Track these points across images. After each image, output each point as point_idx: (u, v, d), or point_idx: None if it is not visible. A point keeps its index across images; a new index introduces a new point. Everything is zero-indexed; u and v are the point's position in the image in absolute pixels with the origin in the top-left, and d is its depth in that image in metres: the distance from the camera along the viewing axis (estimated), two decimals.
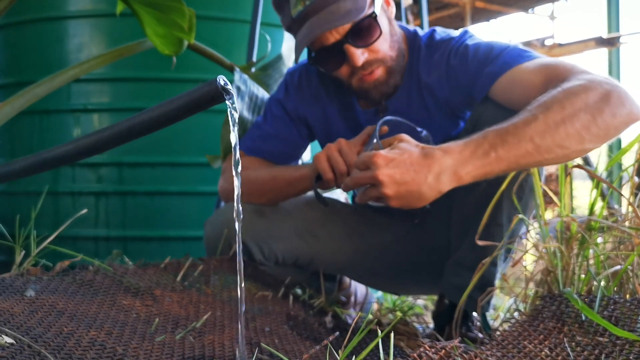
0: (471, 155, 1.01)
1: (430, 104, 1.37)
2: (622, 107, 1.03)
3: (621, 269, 1.07)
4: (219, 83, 0.86)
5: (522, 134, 1.00)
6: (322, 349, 0.93)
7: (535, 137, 1.00)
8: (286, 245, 1.44)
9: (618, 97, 1.03)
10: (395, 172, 1.02)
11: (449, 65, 1.32)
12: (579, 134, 1.01)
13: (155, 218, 2.16)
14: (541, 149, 1.01)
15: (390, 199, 1.04)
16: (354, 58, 1.27)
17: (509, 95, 1.21)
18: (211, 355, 0.87)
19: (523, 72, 1.19)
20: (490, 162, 1.01)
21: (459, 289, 1.28)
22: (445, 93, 1.34)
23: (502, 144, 1.00)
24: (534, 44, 8.42)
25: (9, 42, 2.31)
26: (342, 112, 1.47)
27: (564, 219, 1.15)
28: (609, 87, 1.03)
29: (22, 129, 2.22)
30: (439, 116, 1.37)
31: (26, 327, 0.83)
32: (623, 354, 0.78)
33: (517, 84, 1.19)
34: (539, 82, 1.15)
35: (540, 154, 1.01)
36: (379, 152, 1.05)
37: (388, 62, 1.31)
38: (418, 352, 0.75)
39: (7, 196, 2.29)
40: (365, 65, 1.29)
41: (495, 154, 1.01)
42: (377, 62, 1.30)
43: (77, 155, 0.96)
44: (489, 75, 1.23)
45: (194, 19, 1.40)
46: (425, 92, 1.37)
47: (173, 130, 1.47)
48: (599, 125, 1.01)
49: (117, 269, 1.16)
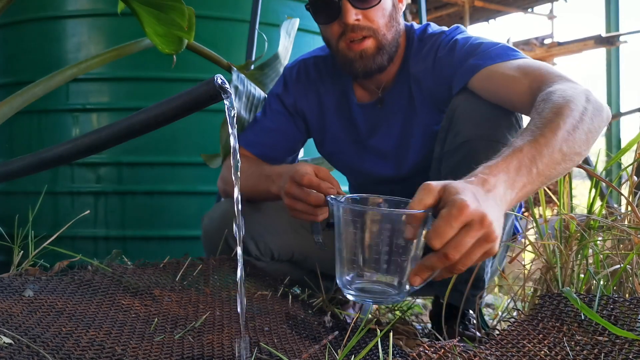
0: (517, 175, 0.90)
1: (417, 95, 1.39)
2: (602, 110, 1.04)
3: (620, 268, 1.07)
4: (216, 82, 0.86)
5: (553, 143, 0.93)
6: (322, 349, 0.93)
7: (563, 145, 0.94)
8: (282, 240, 1.45)
9: (596, 101, 1.04)
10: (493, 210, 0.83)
11: (437, 58, 1.34)
12: (587, 138, 0.99)
13: (155, 218, 2.16)
14: (566, 158, 0.95)
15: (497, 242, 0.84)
16: (347, 14, 1.27)
17: (489, 87, 1.22)
18: (210, 355, 0.86)
19: (506, 68, 1.20)
20: (533, 179, 0.91)
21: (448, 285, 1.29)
22: (429, 83, 1.35)
23: (541, 157, 0.92)
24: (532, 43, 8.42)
25: (8, 42, 2.31)
26: (338, 107, 1.48)
27: (563, 218, 1.15)
28: (587, 91, 1.04)
29: (20, 128, 2.21)
30: (423, 109, 1.38)
31: (25, 327, 0.83)
32: (622, 353, 0.78)
33: (499, 78, 1.20)
34: (522, 78, 1.15)
35: (565, 163, 0.95)
36: (462, 199, 0.81)
37: (379, 37, 1.32)
38: (417, 351, 0.75)
39: (5, 196, 2.29)
40: (356, 28, 1.29)
41: (536, 170, 0.91)
42: (369, 30, 1.30)
43: (76, 155, 0.96)
44: (471, 67, 1.24)
45: (194, 18, 1.39)
46: (412, 83, 1.38)
47: (172, 130, 1.47)
48: (595, 128, 1.01)
49: (116, 268, 1.16)
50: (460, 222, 0.80)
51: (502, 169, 0.88)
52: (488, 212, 0.81)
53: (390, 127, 1.43)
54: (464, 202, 0.80)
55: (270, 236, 1.44)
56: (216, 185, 2.06)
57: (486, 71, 1.22)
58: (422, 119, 1.38)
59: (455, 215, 0.80)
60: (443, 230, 0.81)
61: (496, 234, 0.82)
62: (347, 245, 0.90)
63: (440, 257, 0.82)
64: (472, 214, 0.80)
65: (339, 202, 0.92)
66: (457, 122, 1.25)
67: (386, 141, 1.44)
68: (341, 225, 0.90)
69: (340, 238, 0.91)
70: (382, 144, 1.44)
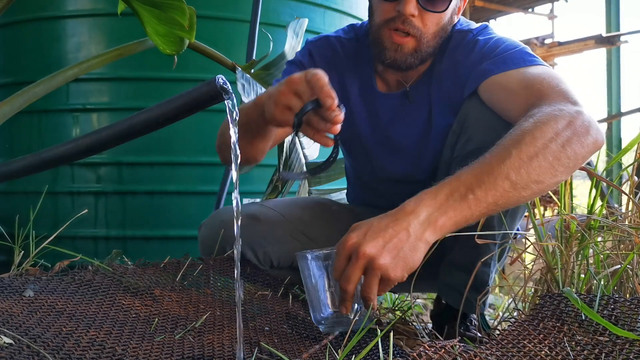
0: (447, 200, 0.94)
1: (437, 93, 1.35)
2: (587, 135, 1.00)
3: (621, 268, 1.07)
4: (218, 82, 0.86)
5: (498, 171, 0.95)
6: (322, 349, 0.93)
7: (511, 173, 0.95)
8: (281, 248, 1.42)
9: (582, 124, 1.00)
10: (377, 239, 0.92)
11: (458, 58, 1.31)
12: (552, 166, 0.97)
13: (155, 218, 2.16)
14: (518, 186, 0.95)
15: (389, 268, 0.93)
16: (408, 4, 1.22)
17: (491, 97, 1.20)
18: (210, 355, 0.86)
19: (511, 78, 1.17)
20: (469, 205, 0.94)
21: (452, 289, 1.28)
22: (449, 83, 1.33)
23: (479, 184, 0.94)
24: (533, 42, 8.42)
25: (8, 42, 2.31)
26: (362, 92, 1.43)
27: (563, 218, 1.15)
28: (575, 114, 1.01)
29: (21, 128, 2.22)
30: (444, 108, 1.35)
31: (25, 327, 0.83)
32: (623, 353, 0.78)
33: (501, 89, 1.18)
34: (522, 92, 1.13)
35: (517, 191, 0.96)
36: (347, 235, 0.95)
37: (422, 42, 1.28)
38: (418, 351, 0.75)
39: (6, 196, 2.29)
40: (407, 22, 1.25)
41: (473, 196, 0.94)
42: (417, 30, 1.26)
43: (76, 155, 0.96)
44: (482, 72, 1.23)
45: (195, 18, 1.39)
46: (434, 82, 1.35)
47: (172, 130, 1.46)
48: (569, 156, 0.98)
49: (116, 268, 1.16)
50: (342, 257, 0.94)
51: (430, 194, 0.95)
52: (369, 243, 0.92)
53: (413, 122, 1.39)
54: (345, 238, 0.94)
55: (269, 245, 1.41)
56: (217, 185, 2.06)
57: (491, 80, 1.20)
58: (440, 120, 1.36)
59: (339, 251, 0.95)
60: (335, 264, 0.96)
61: (380, 262, 0.92)
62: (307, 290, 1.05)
63: (341, 288, 0.95)
64: (349, 247, 0.93)
65: (301, 255, 1.04)
66: (468, 128, 1.23)
67: (407, 136, 1.40)
68: (303, 274, 1.04)
69: (306, 287, 1.05)
70: (402, 138, 1.41)
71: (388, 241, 0.93)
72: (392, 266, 0.92)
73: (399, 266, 0.93)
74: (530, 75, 1.15)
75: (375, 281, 0.93)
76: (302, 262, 1.04)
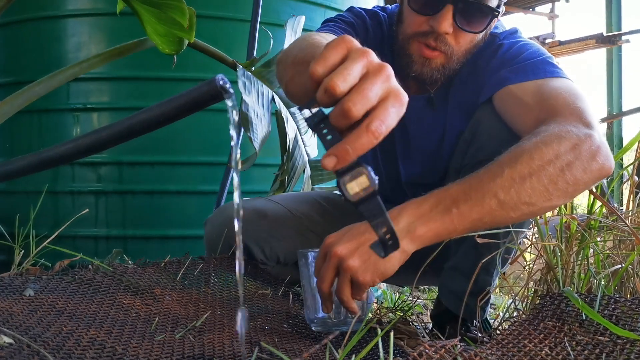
0: (430, 211, 0.92)
1: (454, 98, 1.32)
2: (593, 161, 0.94)
3: (621, 268, 1.07)
4: (218, 82, 0.85)
5: (487, 189, 0.91)
6: (322, 348, 0.93)
7: (500, 192, 0.91)
8: (288, 244, 1.42)
9: (589, 149, 0.94)
10: (351, 242, 0.93)
11: (479, 62, 1.28)
12: (546, 189, 0.92)
13: (155, 217, 2.16)
14: (506, 206, 0.92)
15: (358, 271, 0.92)
16: (443, 22, 1.17)
17: (504, 107, 1.17)
18: (211, 354, 0.86)
19: (527, 91, 1.13)
20: (451, 219, 0.91)
21: (454, 295, 1.27)
22: (468, 88, 1.29)
23: (465, 199, 0.92)
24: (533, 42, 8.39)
25: (8, 41, 2.31)
26: None
27: (563, 218, 1.15)
28: (584, 137, 0.95)
29: (21, 127, 2.22)
30: (462, 112, 1.32)
31: (25, 327, 0.83)
32: (624, 353, 0.78)
33: (515, 101, 1.14)
34: (535, 107, 1.08)
35: (505, 211, 0.92)
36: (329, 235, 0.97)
37: (452, 59, 1.24)
38: (418, 350, 0.75)
39: (6, 195, 2.29)
40: (439, 38, 1.20)
41: (457, 210, 0.91)
42: (448, 48, 1.22)
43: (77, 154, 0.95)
44: (498, 80, 1.19)
45: (194, 18, 1.39)
46: (455, 85, 1.32)
47: (173, 129, 1.46)
48: (567, 180, 0.93)
49: (116, 268, 1.16)
50: (320, 256, 0.97)
51: (415, 203, 0.94)
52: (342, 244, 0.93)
53: (434, 127, 1.36)
54: (326, 237, 0.97)
55: (276, 241, 1.41)
56: (217, 185, 2.05)
57: (507, 90, 1.16)
58: (457, 124, 1.33)
59: (319, 250, 0.98)
60: (315, 264, 0.99)
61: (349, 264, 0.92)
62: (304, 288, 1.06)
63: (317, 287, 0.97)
64: (325, 247, 0.96)
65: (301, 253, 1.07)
66: (480, 137, 1.20)
67: (428, 140, 1.38)
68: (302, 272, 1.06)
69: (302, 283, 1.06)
70: (423, 142, 1.38)
71: (361, 244, 0.92)
72: (361, 270, 0.92)
73: (369, 270, 0.92)
74: (547, 89, 1.10)
75: (345, 282, 0.93)
76: (302, 260, 1.05)
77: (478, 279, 1.15)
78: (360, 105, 0.67)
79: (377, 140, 0.69)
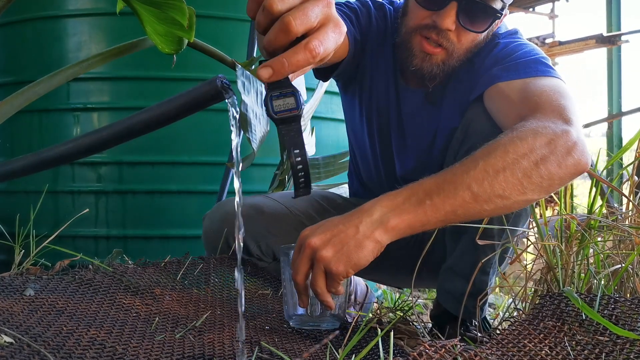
0: (403, 203, 0.94)
1: (449, 95, 1.34)
2: (568, 156, 0.95)
3: (621, 267, 1.07)
4: (218, 82, 0.86)
5: (460, 181, 0.93)
6: (322, 348, 0.93)
7: (473, 184, 0.92)
8: (284, 240, 1.43)
9: (565, 144, 0.95)
10: (325, 233, 0.94)
11: (475, 60, 1.29)
12: (520, 182, 0.93)
13: (155, 217, 2.16)
14: (479, 199, 0.93)
15: (331, 261, 0.93)
16: (446, 19, 1.19)
17: (492, 105, 1.18)
18: (211, 354, 0.87)
19: (514, 88, 1.14)
20: (425, 210, 0.93)
21: (452, 296, 1.28)
22: (463, 86, 1.31)
23: (439, 192, 0.93)
24: (534, 42, 8.41)
25: (8, 41, 2.31)
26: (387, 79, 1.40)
27: (563, 218, 1.15)
28: (560, 132, 0.96)
29: (21, 127, 2.22)
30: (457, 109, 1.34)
31: (25, 326, 0.83)
32: (623, 353, 0.78)
33: (502, 98, 1.16)
34: (519, 104, 1.10)
35: (478, 204, 0.93)
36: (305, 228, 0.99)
37: (452, 56, 1.26)
38: (418, 350, 0.75)
39: (6, 195, 2.29)
40: (442, 34, 1.22)
41: (430, 202, 0.93)
42: (450, 44, 1.23)
43: (77, 154, 0.96)
44: (490, 77, 1.20)
45: (194, 18, 1.39)
46: (451, 82, 1.34)
47: (173, 129, 1.46)
48: (542, 175, 0.94)
49: (117, 268, 1.16)
50: (296, 248, 0.98)
51: (389, 196, 0.96)
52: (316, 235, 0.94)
53: (430, 122, 1.38)
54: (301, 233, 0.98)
55: (272, 237, 1.42)
56: (217, 185, 2.05)
57: (496, 87, 1.17)
58: (450, 121, 1.34)
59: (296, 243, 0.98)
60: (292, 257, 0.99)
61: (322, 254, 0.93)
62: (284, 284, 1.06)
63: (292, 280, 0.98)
64: (300, 239, 0.97)
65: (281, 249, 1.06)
66: (471, 136, 1.21)
67: (423, 135, 1.39)
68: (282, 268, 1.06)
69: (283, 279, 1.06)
70: (418, 136, 1.40)
71: (335, 235, 0.94)
72: (334, 259, 0.93)
73: (342, 260, 0.93)
74: (533, 87, 1.12)
75: (319, 273, 0.94)
76: (284, 257, 1.05)
77: (475, 279, 1.16)
78: (300, 20, 0.69)
79: (313, 59, 0.70)
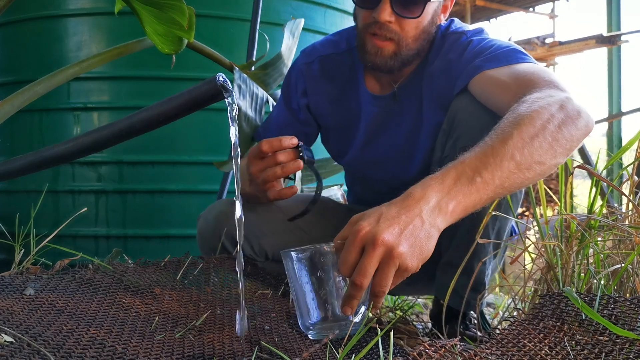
0: (455, 184, 0.90)
1: (427, 93, 1.38)
2: (579, 118, 1.02)
3: (621, 267, 1.07)
4: (218, 81, 0.86)
5: (503, 152, 0.93)
6: (322, 347, 0.93)
7: (516, 153, 0.93)
8: (276, 240, 1.44)
9: (574, 108, 1.02)
10: (393, 227, 0.86)
11: (451, 58, 1.34)
12: (551, 146, 0.97)
13: (156, 216, 2.16)
14: (522, 166, 0.94)
15: (407, 257, 0.86)
16: (382, 12, 1.27)
17: (482, 91, 1.22)
18: (211, 353, 0.87)
19: (502, 73, 1.19)
20: (477, 188, 0.91)
21: (447, 288, 1.28)
22: (442, 82, 1.35)
23: (485, 166, 0.92)
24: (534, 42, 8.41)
25: (9, 40, 2.31)
26: (346, 98, 1.47)
27: (564, 218, 1.16)
28: (565, 99, 1.02)
29: (21, 127, 2.22)
30: (433, 107, 1.37)
31: (25, 326, 0.83)
32: (623, 352, 0.78)
33: (493, 83, 1.20)
34: (512, 85, 1.14)
35: (522, 172, 0.95)
36: (357, 225, 0.88)
37: (402, 45, 1.32)
38: (418, 350, 0.75)
39: (6, 194, 2.29)
40: (384, 27, 1.29)
41: (480, 179, 0.91)
42: (395, 35, 1.30)
43: (77, 154, 0.96)
44: (473, 68, 1.25)
45: (194, 18, 1.39)
46: (426, 80, 1.38)
47: (173, 129, 1.46)
48: (565, 137, 0.99)
49: (117, 267, 1.16)
50: (355, 247, 0.86)
51: (437, 180, 0.91)
52: (385, 230, 0.85)
53: (401, 122, 1.42)
54: (356, 227, 0.87)
55: (264, 237, 1.43)
56: (217, 184, 2.05)
57: (483, 75, 1.22)
58: (431, 118, 1.38)
59: (350, 242, 0.87)
60: (344, 258, 0.87)
61: (399, 251, 0.85)
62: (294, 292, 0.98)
63: (352, 285, 0.87)
64: (362, 237, 0.86)
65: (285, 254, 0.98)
66: (457, 127, 1.24)
67: (396, 136, 1.43)
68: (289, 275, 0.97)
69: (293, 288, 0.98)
70: (391, 139, 1.44)
71: (404, 228, 0.86)
72: (409, 254, 0.86)
73: (416, 255, 0.87)
74: (521, 69, 1.18)
75: (392, 272, 0.86)
76: (287, 262, 0.98)
77: (470, 270, 1.17)
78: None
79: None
